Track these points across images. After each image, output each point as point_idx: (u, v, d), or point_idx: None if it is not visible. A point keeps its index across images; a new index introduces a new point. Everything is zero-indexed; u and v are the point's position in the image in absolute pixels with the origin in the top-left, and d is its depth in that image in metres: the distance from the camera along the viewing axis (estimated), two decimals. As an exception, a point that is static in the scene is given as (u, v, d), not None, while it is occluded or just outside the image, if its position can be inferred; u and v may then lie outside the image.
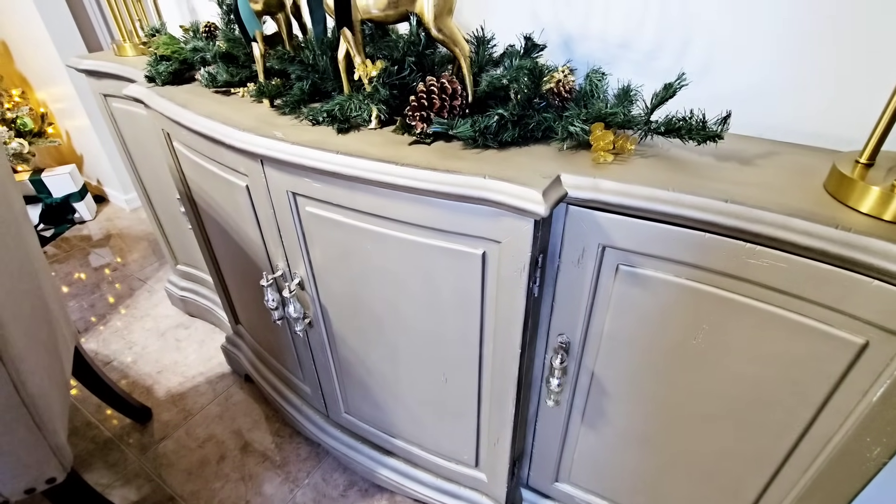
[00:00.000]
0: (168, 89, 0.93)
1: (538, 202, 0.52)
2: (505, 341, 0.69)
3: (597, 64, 0.78)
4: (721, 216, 0.49)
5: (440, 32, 0.64)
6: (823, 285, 0.47)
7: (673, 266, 0.56)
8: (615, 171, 0.56)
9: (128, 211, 2.46)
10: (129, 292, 1.85)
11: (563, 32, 0.79)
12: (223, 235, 1.03)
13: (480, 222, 0.60)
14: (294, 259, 0.84)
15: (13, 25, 2.11)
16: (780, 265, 0.49)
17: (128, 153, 1.36)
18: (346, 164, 0.62)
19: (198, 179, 0.98)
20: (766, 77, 0.66)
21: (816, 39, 0.61)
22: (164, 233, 1.53)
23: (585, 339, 0.68)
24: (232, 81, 0.85)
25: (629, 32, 0.74)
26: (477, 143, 0.63)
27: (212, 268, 1.22)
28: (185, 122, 0.80)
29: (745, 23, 0.65)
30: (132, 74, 1.09)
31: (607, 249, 0.59)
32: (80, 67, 1.21)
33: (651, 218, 0.54)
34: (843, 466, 0.54)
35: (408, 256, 0.69)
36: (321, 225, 0.75)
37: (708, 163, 0.58)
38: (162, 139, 1.01)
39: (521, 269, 0.60)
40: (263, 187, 0.78)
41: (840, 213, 0.47)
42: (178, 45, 0.92)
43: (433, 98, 0.64)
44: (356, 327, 0.86)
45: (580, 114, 0.62)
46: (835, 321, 0.49)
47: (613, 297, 0.62)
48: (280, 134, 0.69)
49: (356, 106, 0.70)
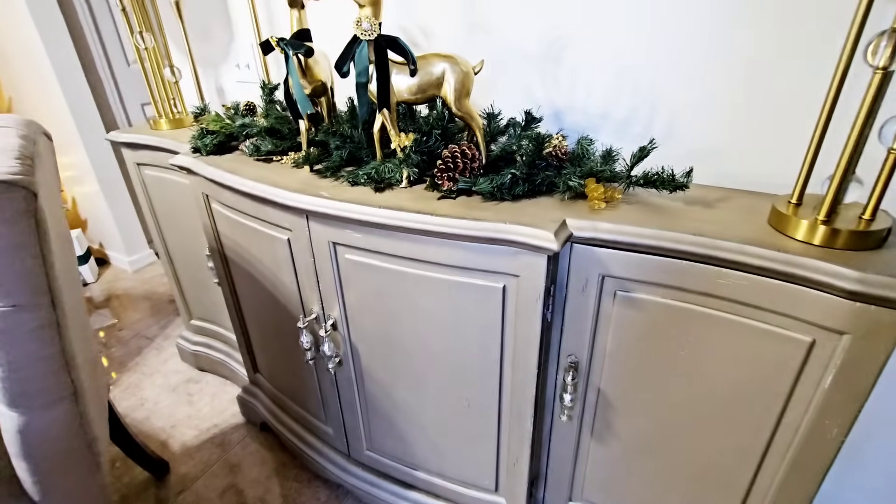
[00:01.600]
0: (213, 158, 1.06)
1: (551, 241, 0.66)
2: (523, 363, 0.80)
3: (583, 131, 0.95)
4: (693, 246, 0.63)
5: (460, 111, 0.80)
6: (775, 296, 0.61)
7: (660, 289, 0.69)
8: (608, 216, 0.71)
9: (130, 272, 2.52)
10: (138, 350, 1.89)
11: (554, 106, 0.97)
12: (253, 286, 1.13)
13: (501, 260, 0.73)
14: (329, 302, 0.95)
15: (33, 99, 2.27)
16: (741, 283, 0.63)
17: (154, 215, 1.48)
18: (389, 217, 0.75)
19: (233, 235, 1.10)
20: (719, 139, 0.83)
21: (758, 109, 0.79)
22: (182, 289, 1.61)
23: (591, 357, 0.80)
24: (275, 151, 1.00)
25: (607, 105, 0.92)
26: (494, 197, 0.78)
27: (235, 318, 1.30)
28: (235, 185, 0.94)
29: (700, 97, 0.82)
30: (171, 146, 1.24)
31: (606, 278, 0.72)
32: (121, 140, 1.35)
33: (640, 251, 0.68)
34: (812, 449, 0.66)
35: (438, 293, 0.81)
36: (358, 270, 0.87)
37: (679, 207, 0.73)
38: (200, 201, 1.14)
39: (537, 298, 0.73)
40: (306, 239, 0.90)
41: (781, 240, 0.62)
42: (226, 122, 1.07)
43: (457, 161, 0.79)
44: (385, 362, 0.96)
45: (576, 171, 0.78)
46: (788, 325, 0.62)
47: (613, 319, 0.75)
48: (326, 193, 0.83)
49: (389, 169, 0.85)
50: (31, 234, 0.61)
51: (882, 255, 0.58)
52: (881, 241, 0.60)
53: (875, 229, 0.59)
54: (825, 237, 0.60)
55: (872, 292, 0.54)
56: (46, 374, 0.69)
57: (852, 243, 0.59)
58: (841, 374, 0.60)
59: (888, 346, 0.56)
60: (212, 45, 1.44)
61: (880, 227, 0.59)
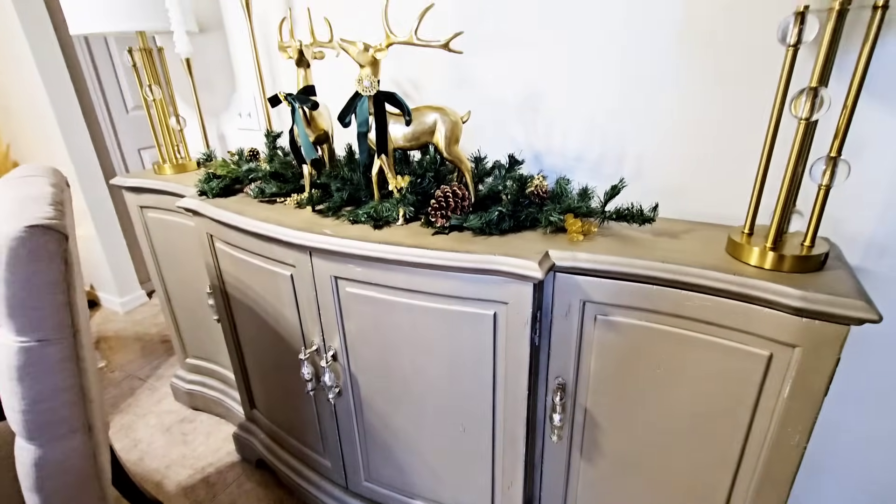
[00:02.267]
0: (219, 200, 1.14)
1: (536, 270, 0.73)
2: (514, 385, 0.86)
3: (561, 172, 1.05)
4: (661, 272, 0.72)
5: (451, 155, 0.89)
6: (734, 315, 0.69)
7: (635, 312, 0.77)
8: (586, 247, 0.79)
9: (121, 314, 2.53)
10: (130, 391, 1.89)
11: (535, 150, 1.07)
12: (254, 321, 1.18)
13: (491, 289, 0.80)
14: (330, 334, 1.01)
15: (33, 145, 2.33)
16: (706, 304, 0.71)
17: (155, 256, 1.53)
18: (388, 251, 0.82)
19: (236, 273, 1.16)
20: (681, 178, 0.93)
21: (713, 153, 0.89)
22: (179, 328, 1.64)
23: (577, 378, 0.86)
24: (279, 193, 1.08)
25: (582, 149, 1.02)
26: (484, 232, 0.86)
27: (234, 354, 1.34)
28: (243, 226, 1.00)
29: (663, 142, 0.93)
30: (176, 189, 1.31)
31: (587, 304, 0.80)
32: (127, 185, 1.42)
33: (615, 277, 0.76)
34: (779, 456, 0.72)
35: (433, 321, 0.87)
36: (358, 301, 0.94)
37: (648, 238, 0.82)
38: (205, 241, 1.20)
39: (525, 323, 0.80)
40: (309, 274, 0.96)
41: (737, 266, 0.70)
42: (232, 167, 1.15)
43: (449, 200, 0.87)
44: (383, 390, 1.01)
45: (555, 208, 0.86)
46: (749, 341, 0.70)
47: (595, 342, 0.82)
48: (329, 231, 0.90)
49: (387, 208, 0.92)
50: (62, 272, 0.67)
51: (822, 276, 0.67)
52: (821, 263, 0.68)
53: (815, 254, 0.68)
54: (774, 262, 0.68)
55: (815, 308, 0.62)
56: (65, 406, 0.73)
57: (797, 266, 0.68)
58: (797, 384, 0.67)
59: (833, 355, 0.63)
60: (215, 96, 1.54)
61: (819, 252, 0.68)
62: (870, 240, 0.81)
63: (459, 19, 1.03)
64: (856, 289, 0.62)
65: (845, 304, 0.60)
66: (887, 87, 0.72)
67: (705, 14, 0.81)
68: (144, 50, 1.33)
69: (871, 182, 0.77)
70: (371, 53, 0.84)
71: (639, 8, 0.85)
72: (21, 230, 0.63)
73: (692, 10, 0.81)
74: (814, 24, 0.60)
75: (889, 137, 0.74)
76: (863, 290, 0.62)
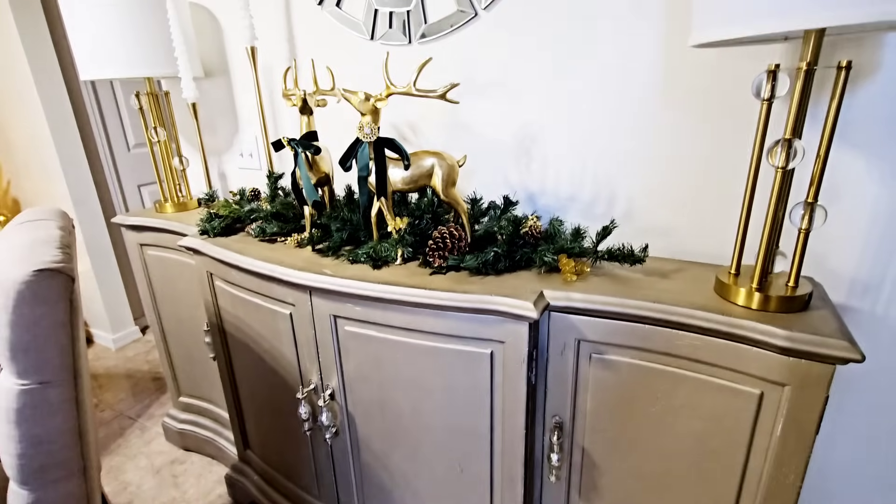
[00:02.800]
0: (220, 240, 1.16)
1: (531, 310, 0.75)
2: (512, 424, 0.86)
3: (554, 212, 1.08)
4: (652, 312, 0.74)
5: (447, 198, 0.93)
6: (725, 354, 0.71)
7: (629, 351, 0.79)
8: (580, 286, 0.82)
9: (113, 351, 2.50)
10: (120, 431, 1.85)
11: (528, 190, 1.11)
12: (251, 359, 1.18)
13: (488, 328, 0.82)
14: (328, 372, 1.01)
15: (34, 183, 2.36)
16: (696, 343, 0.73)
17: (152, 293, 1.53)
18: (387, 291, 0.84)
19: (234, 311, 1.17)
20: (671, 218, 0.97)
21: (701, 194, 0.93)
22: (173, 365, 1.63)
23: (574, 417, 0.87)
24: (279, 233, 1.10)
25: (574, 189, 1.06)
26: (480, 272, 0.88)
27: (230, 393, 1.33)
28: (245, 265, 1.02)
29: (652, 184, 0.97)
30: (178, 228, 1.33)
31: (582, 342, 0.81)
32: (127, 224, 1.44)
33: (608, 316, 0.78)
34: (775, 496, 0.72)
35: (431, 360, 0.88)
36: (357, 340, 0.95)
37: (639, 277, 0.85)
38: (204, 279, 1.21)
39: (522, 362, 0.81)
40: (308, 313, 0.98)
41: (725, 306, 0.73)
42: (235, 207, 1.18)
43: (446, 241, 0.90)
44: (381, 430, 1.00)
45: (549, 248, 0.89)
46: (740, 380, 0.71)
47: (591, 380, 0.83)
48: (329, 271, 0.92)
49: (386, 248, 0.95)
50: (67, 314, 0.68)
51: (807, 316, 0.69)
52: (805, 303, 0.71)
53: (799, 294, 0.70)
54: (760, 302, 0.71)
55: (800, 348, 0.64)
56: (63, 449, 0.72)
57: (782, 306, 0.70)
58: (788, 423, 0.68)
59: (821, 393, 0.65)
60: (217, 136, 1.59)
61: (803, 292, 0.71)
62: (853, 277, 0.84)
63: (456, 68, 1.09)
64: (839, 328, 0.65)
65: (829, 343, 0.62)
66: (861, 135, 0.77)
67: (686, 69, 0.86)
68: (151, 94, 1.38)
69: (851, 222, 0.81)
70: (372, 103, 0.88)
71: (625, 61, 0.91)
72: (29, 274, 0.65)
73: (672, 63, 0.87)
74: (785, 81, 0.65)
75: (864, 181, 0.78)
76: (846, 330, 0.65)
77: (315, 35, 1.25)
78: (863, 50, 0.74)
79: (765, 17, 0.55)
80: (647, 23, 0.87)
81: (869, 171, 0.78)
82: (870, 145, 0.77)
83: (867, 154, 0.78)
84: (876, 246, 0.81)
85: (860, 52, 0.74)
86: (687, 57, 0.86)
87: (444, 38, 1.08)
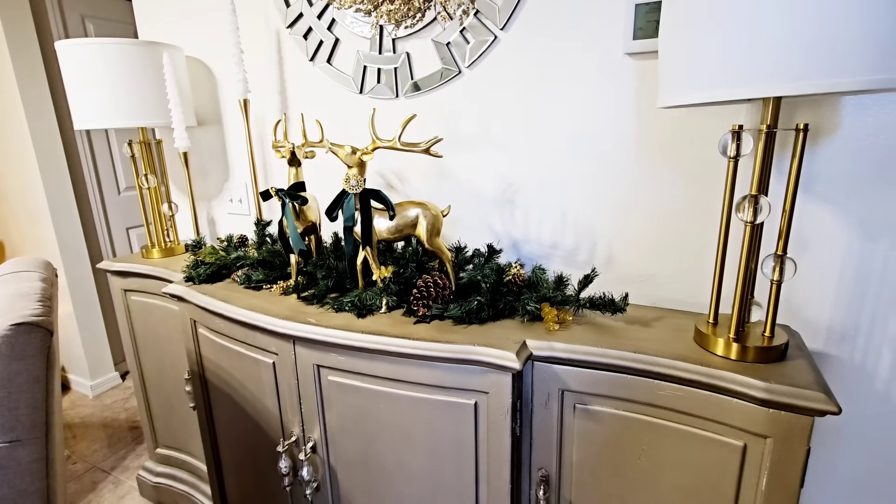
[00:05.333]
0: (205, 287, 1.15)
1: (514, 360, 0.76)
2: (497, 478, 0.84)
3: (537, 259, 1.10)
4: (633, 362, 0.74)
5: (432, 247, 0.94)
6: (707, 405, 0.71)
7: (612, 401, 0.78)
8: (562, 336, 0.82)
9: (90, 398, 2.42)
10: (92, 486, 1.76)
11: (512, 238, 1.13)
12: (232, 409, 1.16)
13: (472, 378, 0.81)
14: (310, 423, 0.99)
15: (22, 229, 2.35)
16: (678, 394, 0.73)
17: (134, 339, 1.51)
18: (371, 341, 0.84)
19: (216, 359, 1.15)
20: (650, 267, 0.99)
21: (678, 244, 0.96)
22: (151, 414, 1.58)
23: (560, 469, 0.85)
24: (265, 280, 1.10)
25: (556, 238, 1.08)
26: (464, 321, 0.89)
27: (209, 444, 1.29)
28: (228, 314, 1.02)
29: (632, 233, 1.00)
30: (163, 274, 1.33)
31: (565, 393, 0.81)
32: (112, 269, 1.43)
33: (590, 367, 0.78)
34: (765, 551, 0.71)
35: (415, 411, 0.87)
36: (340, 390, 0.93)
37: (621, 326, 0.86)
38: (187, 327, 1.20)
39: (505, 413, 0.80)
40: (291, 363, 0.97)
41: (704, 356, 0.74)
42: (221, 254, 1.18)
43: (430, 290, 0.91)
44: (363, 485, 0.97)
45: (532, 297, 0.90)
46: (722, 431, 0.71)
47: (576, 431, 0.82)
48: (313, 320, 0.92)
49: (370, 297, 0.95)
50: (44, 369, 0.67)
51: (785, 366, 0.70)
52: (782, 353, 0.72)
53: (775, 344, 0.72)
54: (738, 352, 0.72)
55: (779, 400, 0.65)
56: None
57: (760, 357, 0.71)
58: (773, 476, 0.68)
59: (803, 445, 0.65)
60: (207, 182, 1.61)
61: (779, 342, 0.72)
62: (829, 325, 0.85)
63: (441, 121, 1.13)
64: (815, 380, 0.66)
65: (806, 395, 0.63)
66: (827, 188, 0.81)
67: (656, 126, 0.91)
68: (143, 142, 1.41)
69: (823, 272, 0.83)
70: (358, 156, 0.91)
71: (597, 117, 0.96)
72: (6, 328, 0.64)
73: (644, 120, 0.92)
74: (748, 141, 0.68)
75: (832, 231, 0.82)
76: (822, 381, 0.66)
77: (306, 89, 1.30)
78: (822, 111, 0.79)
79: (724, 86, 0.59)
80: (613, 84, 0.92)
81: (835, 221, 0.81)
82: (835, 198, 0.81)
83: (833, 206, 0.81)
84: (849, 294, 0.83)
85: (819, 112, 0.79)
86: (657, 114, 0.90)
87: (429, 93, 1.13)
